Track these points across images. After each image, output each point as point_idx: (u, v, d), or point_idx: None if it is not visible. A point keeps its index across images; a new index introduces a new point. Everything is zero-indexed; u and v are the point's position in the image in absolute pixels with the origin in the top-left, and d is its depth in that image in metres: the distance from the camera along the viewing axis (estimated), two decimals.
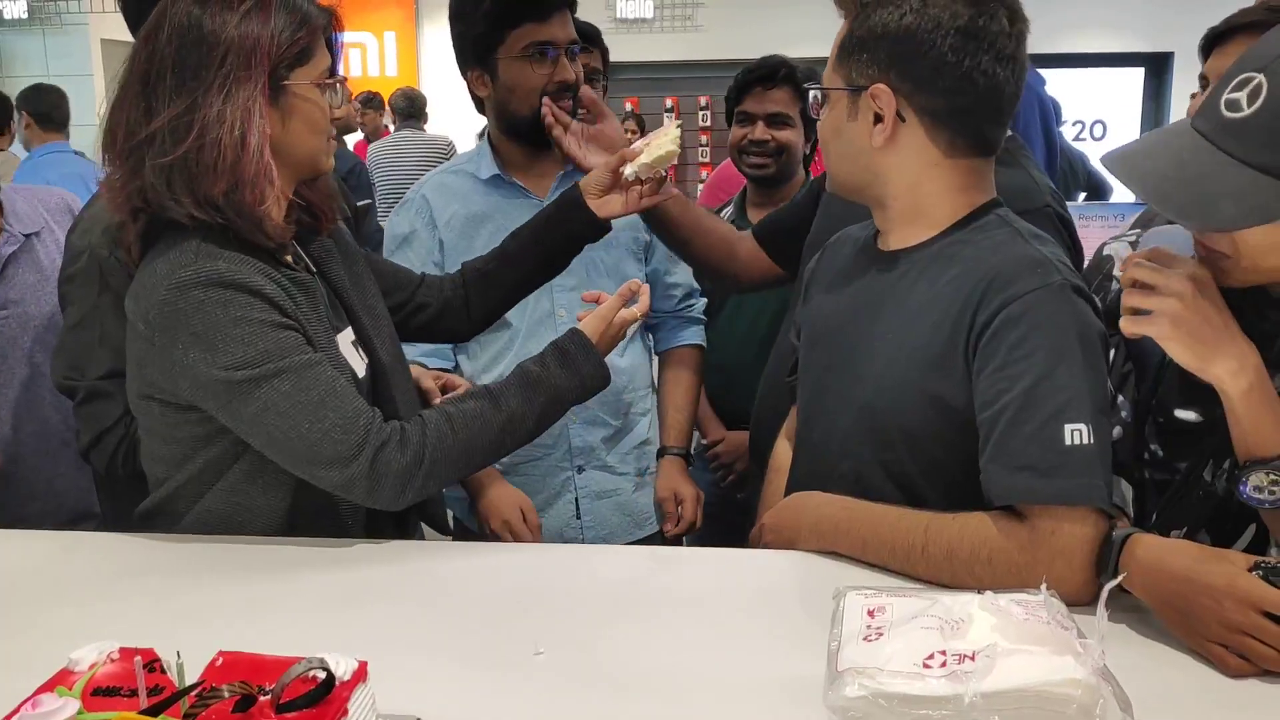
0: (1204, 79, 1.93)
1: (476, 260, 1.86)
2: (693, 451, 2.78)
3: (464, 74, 2.12)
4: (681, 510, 2.20)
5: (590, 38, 2.77)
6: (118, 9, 1.82)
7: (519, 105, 2.07)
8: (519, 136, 2.12)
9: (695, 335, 2.37)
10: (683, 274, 2.33)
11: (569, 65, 2.04)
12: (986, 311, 1.32)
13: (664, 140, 1.75)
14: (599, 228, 1.81)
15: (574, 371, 1.57)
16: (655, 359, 2.40)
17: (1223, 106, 1.19)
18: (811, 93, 1.52)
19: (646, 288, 1.71)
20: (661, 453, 2.27)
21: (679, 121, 1.90)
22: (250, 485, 1.47)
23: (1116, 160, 1.28)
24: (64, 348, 1.85)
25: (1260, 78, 1.16)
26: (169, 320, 1.37)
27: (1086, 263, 1.73)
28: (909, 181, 1.43)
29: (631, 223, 2.13)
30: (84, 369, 1.78)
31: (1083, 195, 6.75)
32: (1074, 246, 1.75)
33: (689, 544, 2.31)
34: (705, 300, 2.41)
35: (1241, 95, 1.18)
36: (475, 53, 2.07)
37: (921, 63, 1.37)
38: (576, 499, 2.16)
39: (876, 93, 1.39)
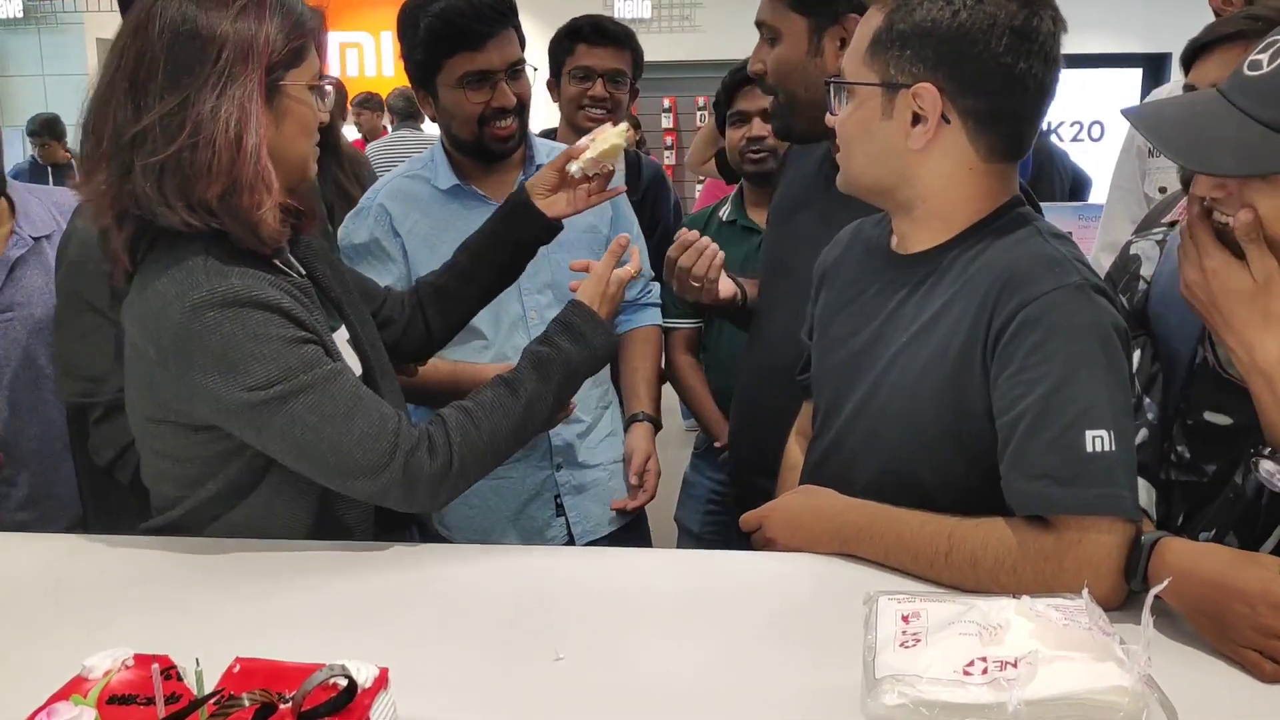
0: (1189, 89, 1.97)
1: (428, 276, 1.82)
2: (699, 452, 2.78)
3: (414, 90, 2.17)
4: (645, 480, 2.20)
5: (618, 38, 2.73)
6: (113, 8, 1.81)
7: (459, 129, 2.11)
8: (466, 153, 2.15)
9: (653, 317, 2.43)
10: (645, 264, 2.36)
11: (507, 90, 2.06)
12: (1003, 314, 1.29)
13: (610, 134, 1.75)
14: (552, 228, 1.78)
15: (584, 343, 1.55)
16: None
17: (1245, 66, 1.20)
18: (831, 87, 1.45)
19: (635, 247, 1.70)
20: (633, 419, 2.27)
21: (625, 122, 1.88)
22: (277, 498, 1.45)
23: (1138, 111, 1.29)
24: (72, 362, 1.82)
25: None
26: (184, 344, 1.33)
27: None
28: (940, 186, 1.39)
29: (588, 223, 2.18)
30: (102, 382, 1.75)
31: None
32: None
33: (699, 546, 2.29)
34: (659, 286, 2.45)
35: (1264, 56, 1.18)
36: (417, 77, 2.12)
37: (974, 63, 1.32)
38: (558, 496, 2.18)
39: (920, 92, 1.33)
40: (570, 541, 2.20)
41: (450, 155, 2.18)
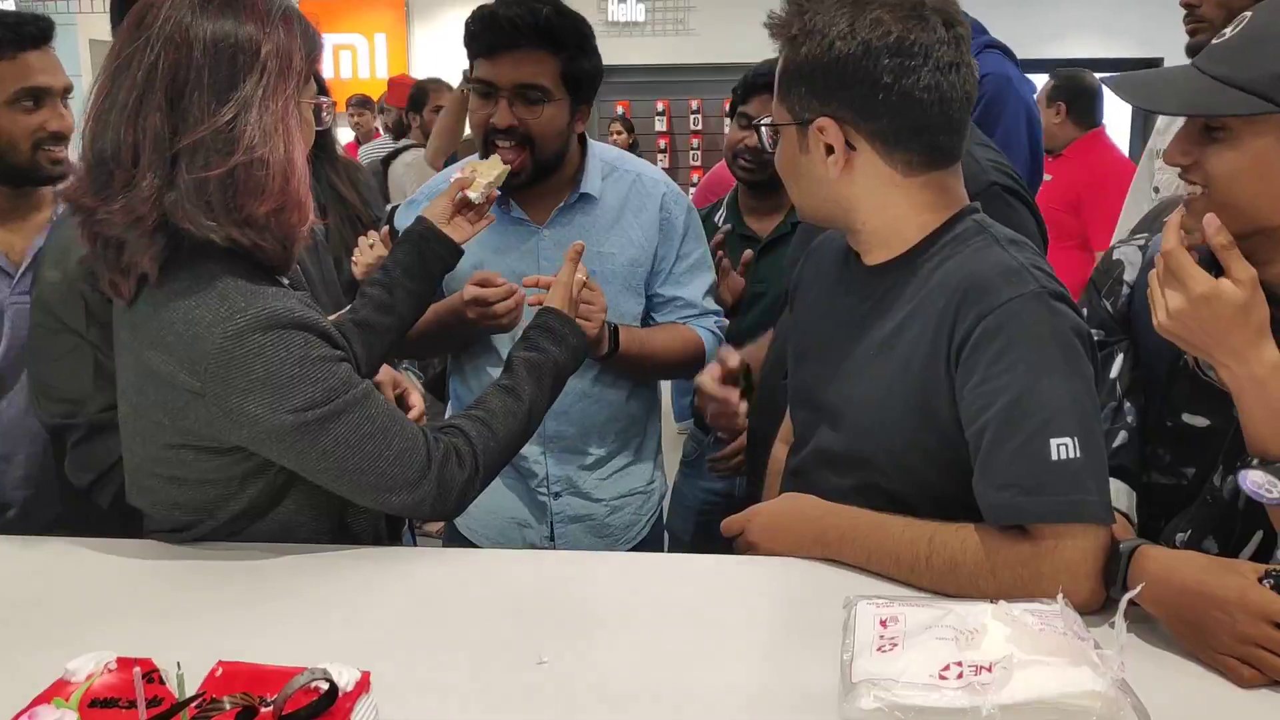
0: None
1: (345, 314, 1.78)
2: (690, 460, 2.78)
3: None
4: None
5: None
6: (106, 10, 1.80)
7: (473, 134, 2.06)
8: None
9: (703, 331, 2.22)
10: (694, 294, 2.21)
11: (506, 109, 1.95)
12: (964, 325, 1.30)
13: (493, 161, 1.83)
14: (457, 253, 1.83)
15: (564, 344, 1.64)
16: (662, 398, 2.34)
17: (1216, 38, 1.28)
18: (763, 129, 1.47)
19: (582, 244, 1.78)
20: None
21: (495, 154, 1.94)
22: (299, 515, 1.46)
23: (1119, 76, 1.37)
24: (50, 385, 1.80)
25: (1249, 13, 1.25)
26: (226, 369, 1.31)
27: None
28: (874, 205, 1.40)
29: (631, 257, 2.09)
30: (82, 404, 1.74)
31: None
32: (1035, 218, 1.77)
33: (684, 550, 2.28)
34: (726, 322, 2.29)
35: (1231, 28, 1.26)
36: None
37: (859, 90, 1.32)
38: (552, 522, 2.17)
39: (822, 125, 1.36)
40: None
41: None
